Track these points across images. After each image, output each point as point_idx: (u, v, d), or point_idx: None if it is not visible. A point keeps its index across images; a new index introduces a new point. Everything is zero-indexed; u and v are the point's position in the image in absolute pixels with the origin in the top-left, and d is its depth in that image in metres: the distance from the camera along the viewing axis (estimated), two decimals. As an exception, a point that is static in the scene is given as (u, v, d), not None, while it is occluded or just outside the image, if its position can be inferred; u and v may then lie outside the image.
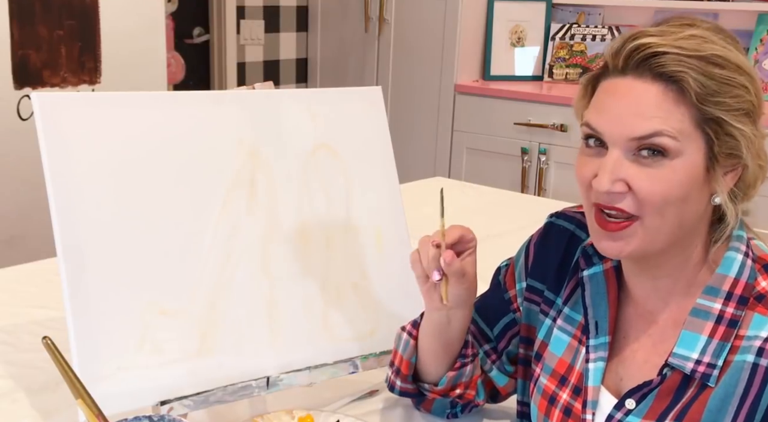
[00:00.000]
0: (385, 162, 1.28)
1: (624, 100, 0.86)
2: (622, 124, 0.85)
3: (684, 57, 0.83)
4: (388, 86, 3.81)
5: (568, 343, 1.01)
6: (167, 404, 1.02)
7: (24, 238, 2.33)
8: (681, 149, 0.84)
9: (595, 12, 3.71)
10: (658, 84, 0.84)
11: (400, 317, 1.23)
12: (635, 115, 0.84)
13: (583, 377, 0.97)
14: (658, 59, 0.84)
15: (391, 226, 1.26)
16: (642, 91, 0.84)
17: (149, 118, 1.09)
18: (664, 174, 0.84)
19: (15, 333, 1.40)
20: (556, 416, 0.99)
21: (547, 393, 1.01)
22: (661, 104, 0.84)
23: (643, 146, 0.84)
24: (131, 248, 1.04)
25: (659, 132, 0.83)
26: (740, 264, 0.89)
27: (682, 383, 0.89)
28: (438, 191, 1.02)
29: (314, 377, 1.14)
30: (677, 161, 0.84)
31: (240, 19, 3.91)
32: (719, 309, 0.88)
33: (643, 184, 0.85)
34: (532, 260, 1.08)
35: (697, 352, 0.88)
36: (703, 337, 0.88)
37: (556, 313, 1.04)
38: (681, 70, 0.83)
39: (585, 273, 1.00)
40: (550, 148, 3.35)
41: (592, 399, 0.95)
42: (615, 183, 0.85)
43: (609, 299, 0.97)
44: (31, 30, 2.32)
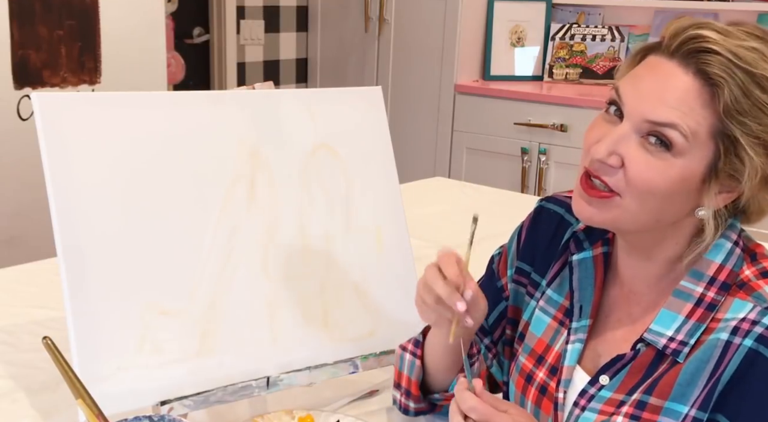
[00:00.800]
0: (385, 162, 1.28)
1: (657, 80, 0.84)
2: (644, 102, 0.84)
3: (733, 65, 0.81)
4: (388, 86, 3.81)
5: (547, 324, 1.02)
6: (167, 404, 1.02)
7: (24, 238, 2.33)
8: (687, 150, 0.83)
9: (595, 12, 3.71)
10: (695, 80, 0.83)
11: (400, 317, 1.24)
12: (660, 99, 0.83)
13: (561, 357, 0.99)
14: (708, 57, 0.82)
15: (391, 226, 1.26)
16: (677, 80, 0.83)
17: (149, 118, 1.09)
18: (660, 165, 0.84)
19: (15, 333, 1.40)
20: (531, 394, 1.01)
21: (525, 371, 1.03)
22: (688, 99, 0.83)
23: (653, 132, 0.84)
24: (131, 248, 1.04)
25: (674, 124, 0.83)
26: (728, 252, 0.90)
27: (654, 359, 0.90)
28: (469, 217, 1.00)
29: (314, 377, 1.14)
30: (678, 160, 0.84)
31: (240, 19, 3.91)
32: (700, 292, 0.89)
33: (635, 167, 0.85)
34: (523, 243, 1.09)
35: (672, 330, 0.89)
36: (681, 317, 0.89)
37: (540, 295, 1.05)
38: (723, 76, 0.81)
39: (574, 258, 1.01)
40: (550, 148, 3.35)
41: (566, 378, 0.97)
42: (611, 155, 0.85)
43: (596, 284, 0.98)
44: (31, 30, 2.32)
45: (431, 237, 1.92)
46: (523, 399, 1.03)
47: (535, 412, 1.01)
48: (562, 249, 1.04)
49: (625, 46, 3.59)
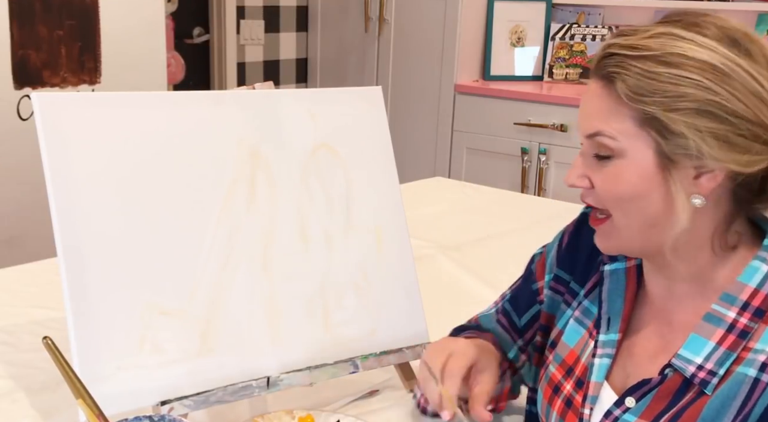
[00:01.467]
0: (385, 162, 1.28)
1: (583, 99, 0.90)
2: (581, 123, 0.90)
3: (626, 57, 0.84)
4: (388, 86, 3.81)
5: (581, 336, 1.00)
6: (167, 404, 1.02)
7: (24, 238, 2.33)
8: (624, 148, 0.85)
9: (595, 12, 3.71)
10: (600, 85, 0.87)
11: (400, 317, 1.24)
12: (584, 116, 0.89)
13: (588, 371, 0.97)
14: (606, 61, 0.86)
15: (391, 226, 1.26)
16: (592, 92, 0.88)
17: (149, 118, 1.09)
18: (612, 172, 0.87)
19: (15, 333, 1.40)
20: (558, 405, 0.99)
21: (553, 381, 1.02)
22: (601, 105, 0.86)
23: (594, 145, 0.88)
24: (131, 248, 1.04)
25: (599, 132, 0.87)
26: (764, 276, 0.86)
27: (681, 386, 0.88)
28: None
29: (314, 377, 1.14)
30: (623, 161, 0.86)
31: (240, 19, 3.91)
32: (733, 317, 0.86)
33: (597, 181, 0.89)
34: (564, 250, 1.08)
35: (702, 357, 0.86)
36: (711, 343, 0.86)
37: (576, 304, 1.03)
38: (616, 70, 0.84)
39: (606, 268, 1.00)
40: (550, 148, 3.35)
41: (593, 394, 0.95)
42: (579, 178, 0.90)
43: (626, 296, 0.97)
44: (31, 30, 2.32)
45: (431, 237, 1.93)
46: (549, 409, 1.01)
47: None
48: (601, 259, 1.02)
49: (625, 46, 3.58)
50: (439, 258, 1.81)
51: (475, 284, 1.68)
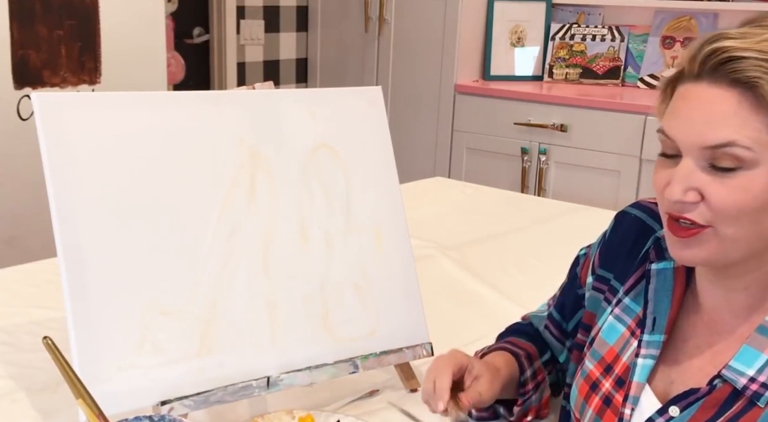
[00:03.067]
0: (385, 162, 1.28)
1: (697, 107, 0.82)
2: (694, 132, 0.81)
3: (763, 61, 0.79)
4: (388, 86, 3.81)
5: (621, 333, 0.98)
6: (168, 404, 1.02)
7: (24, 238, 2.33)
8: (758, 159, 0.80)
9: (595, 12, 3.71)
10: (733, 90, 0.80)
11: (401, 317, 1.24)
12: (707, 124, 0.81)
13: (630, 370, 0.95)
14: (735, 64, 0.80)
15: (391, 226, 1.26)
16: (716, 98, 0.81)
17: (149, 118, 1.09)
18: (740, 184, 0.80)
19: (15, 333, 1.40)
20: (594, 403, 0.97)
21: (591, 378, 1.00)
22: (736, 112, 0.80)
23: (717, 156, 0.81)
24: (131, 248, 1.04)
25: (732, 142, 0.80)
26: None
27: (729, 397, 0.86)
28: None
29: (314, 377, 1.14)
30: (755, 172, 0.80)
31: (240, 19, 3.91)
32: None
33: (715, 194, 0.81)
34: (604, 250, 1.06)
35: (754, 370, 0.84)
36: (765, 356, 0.84)
37: (616, 302, 1.01)
38: (758, 75, 0.79)
39: (653, 267, 0.97)
40: (550, 148, 3.35)
41: (634, 395, 0.93)
42: (687, 192, 0.82)
43: (673, 298, 0.94)
44: (31, 30, 2.32)
45: (431, 237, 1.92)
46: (584, 406, 1.00)
47: (595, 420, 0.98)
48: (643, 256, 1.00)
49: (625, 46, 3.59)
50: (439, 258, 1.81)
51: (475, 284, 1.68)
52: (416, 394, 1.23)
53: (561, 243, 1.20)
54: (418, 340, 1.24)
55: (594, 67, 3.63)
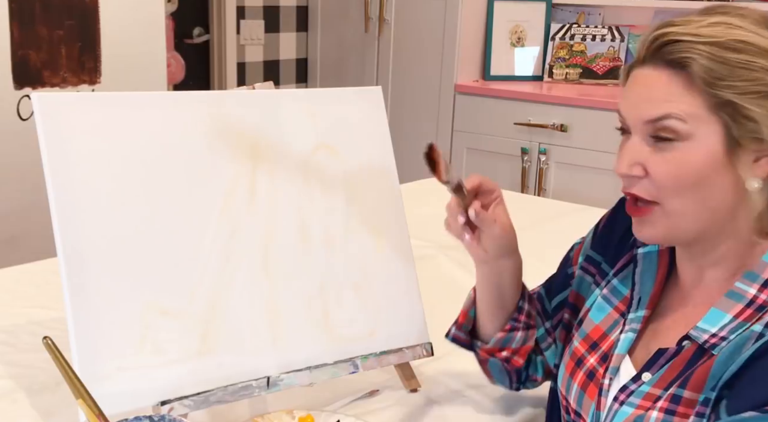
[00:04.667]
0: (385, 162, 1.28)
1: (639, 86, 0.90)
2: (637, 109, 0.89)
3: (695, 44, 0.85)
4: (388, 86, 3.81)
5: (608, 313, 1.03)
6: (168, 404, 1.02)
7: (24, 238, 2.33)
8: (692, 132, 0.86)
9: (595, 12, 3.71)
10: (668, 70, 0.87)
11: (400, 317, 1.24)
12: (647, 100, 0.88)
13: (614, 345, 0.99)
14: (671, 47, 0.87)
15: (391, 226, 1.26)
16: (654, 78, 0.88)
17: (149, 118, 1.09)
18: (676, 156, 0.87)
19: (15, 333, 1.40)
20: (579, 377, 1.02)
21: (576, 355, 1.04)
22: (670, 89, 0.87)
23: (657, 129, 0.87)
24: (131, 248, 1.04)
25: (668, 114, 0.86)
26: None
27: (694, 355, 0.90)
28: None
29: (314, 377, 1.14)
30: (689, 144, 0.86)
31: (240, 19, 3.91)
32: (753, 294, 0.89)
33: (656, 167, 0.88)
34: (599, 233, 1.11)
35: (717, 327, 0.89)
36: (729, 316, 0.89)
37: (605, 284, 1.06)
38: (688, 56, 0.85)
39: (640, 251, 1.02)
40: (550, 148, 3.35)
41: (614, 366, 0.98)
42: (632, 166, 0.89)
43: (657, 277, 0.99)
44: (31, 30, 2.32)
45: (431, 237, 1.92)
46: (570, 382, 1.03)
47: (579, 395, 1.01)
48: (633, 241, 1.04)
49: (625, 46, 3.59)
50: (439, 258, 1.81)
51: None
52: (416, 394, 1.23)
53: (561, 243, 1.20)
54: (418, 340, 1.24)
55: (594, 67, 3.63)
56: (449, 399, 1.22)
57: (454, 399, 1.22)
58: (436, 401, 1.21)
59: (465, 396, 1.23)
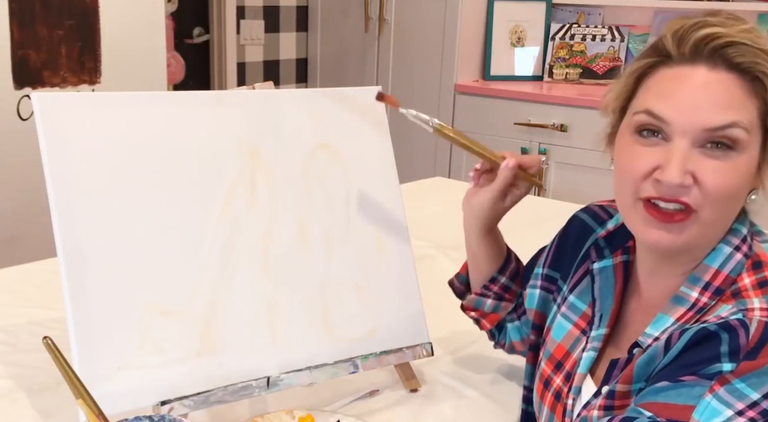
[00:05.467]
0: (385, 162, 1.28)
1: (697, 89, 0.83)
2: (695, 114, 0.82)
3: (757, 49, 0.82)
4: (388, 86, 3.81)
5: (568, 330, 1.02)
6: (168, 404, 1.02)
7: (24, 238, 2.33)
8: (749, 143, 0.83)
9: (595, 12, 3.71)
10: (732, 75, 0.83)
11: (400, 317, 1.24)
12: (711, 105, 0.82)
13: (577, 364, 0.99)
14: (733, 49, 0.82)
15: (391, 226, 1.26)
16: (717, 81, 0.83)
17: (149, 117, 1.09)
18: (732, 167, 0.83)
19: (15, 333, 1.40)
20: (548, 399, 1.02)
21: (543, 376, 1.04)
22: (735, 95, 0.82)
23: (714, 138, 0.82)
24: (131, 248, 1.04)
25: (735, 123, 0.82)
26: (726, 257, 0.88)
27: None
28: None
29: (314, 377, 1.14)
30: (743, 155, 0.83)
31: (240, 19, 3.91)
32: (695, 297, 0.88)
33: (711, 177, 0.82)
34: (553, 250, 1.11)
35: (660, 331, 0.89)
36: (671, 319, 0.89)
37: (561, 300, 1.06)
38: (758, 61, 0.82)
39: (595, 266, 1.01)
40: (550, 148, 3.35)
41: (576, 385, 0.98)
42: (685, 175, 0.83)
43: (615, 293, 0.98)
44: (31, 30, 2.32)
45: (431, 237, 1.92)
46: (541, 404, 1.03)
47: (550, 417, 1.01)
48: (583, 256, 1.04)
49: (624, 46, 3.59)
50: (439, 258, 1.81)
51: (475, 284, 1.68)
52: (416, 394, 1.23)
53: (561, 243, 1.21)
54: (418, 340, 1.24)
55: (594, 67, 3.63)
56: (449, 399, 1.22)
57: (454, 399, 1.22)
58: (436, 401, 1.21)
59: (465, 396, 1.23)
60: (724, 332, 0.80)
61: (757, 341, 0.78)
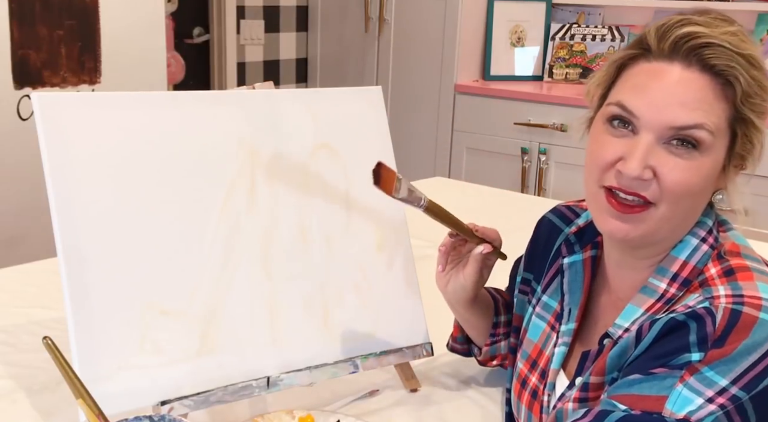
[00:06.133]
0: (385, 162, 1.27)
1: (669, 86, 0.84)
2: (664, 111, 0.83)
3: (734, 53, 0.83)
4: (388, 86, 3.81)
5: (542, 329, 1.04)
6: (168, 404, 1.02)
7: (24, 238, 2.33)
8: (713, 145, 0.84)
9: (595, 12, 3.71)
10: (705, 76, 0.83)
11: (400, 317, 1.24)
12: (680, 104, 0.83)
13: (549, 361, 1.00)
14: (709, 50, 0.83)
15: (391, 226, 1.26)
16: (688, 81, 0.83)
17: (149, 118, 1.09)
18: (693, 166, 0.84)
19: (15, 333, 1.40)
20: (525, 398, 1.03)
21: (521, 376, 1.05)
22: (705, 97, 0.83)
23: (678, 136, 0.83)
24: (131, 248, 1.04)
25: (700, 125, 0.83)
26: (693, 249, 0.89)
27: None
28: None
29: (314, 377, 1.14)
30: (707, 156, 0.84)
31: (240, 19, 3.91)
32: (664, 288, 0.89)
33: (670, 173, 0.84)
34: (526, 254, 1.13)
35: (629, 322, 0.89)
36: (640, 310, 0.89)
37: (536, 301, 1.06)
38: (733, 65, 0.82)
39: (565, 261, 1.02)
40: (550, 148, 3.35)
41: (551, 381, 0.98)
42: (645, 169, 0.84)
43: (583, 287, 0.99)
44: (31, 30, 2.32)
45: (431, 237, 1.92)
46: (519, 405, 1.04)
47: (528, 416, 1.02)
48: (555, 254, 1.05)
49: (624, 46, 3.58)
50: (439, 258, 1.81)
51: (475, 284, 1.68)
52: (416, 394, 1.23)
53: (561, 243, 1.21)
54: (418, 340, 1.24)
55: (594, 67, 3.63)
56: (449, 399, 1.22)
57: (454, 399, 1.22)
58: (436, 401, 1.21)
59: (465, 396, 1.23)
60: (692, 321, 0.81)
61: (723, 328, 0.79)
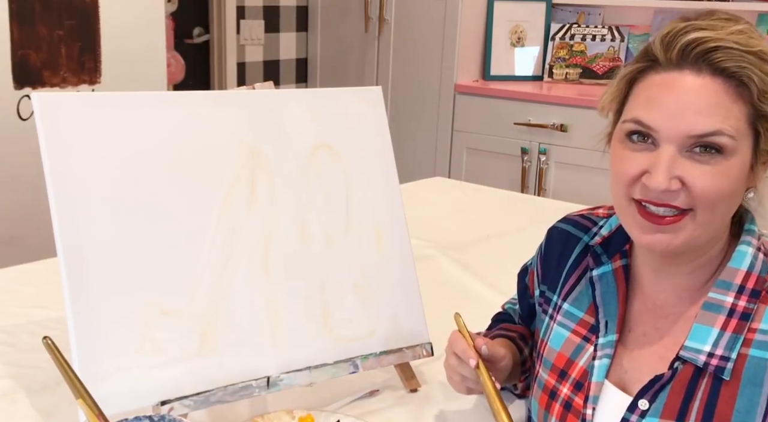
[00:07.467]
0: (385, 162, 1.28)
1: (682, 95, 0.83)
2: (680, 121, 0.83)
3: (744, 53, 0.82)
4: (388, 86, 3.81)
5: (566, 338, 1.01)
6: (168, 404, 1.02)
7: (24, 238, 2.33)
8: (736, 147, 0.83)
9: (595, 12, 3.71)
10: (717, 80, 0.83)
11: (400, 317, 1.24)
12: (695, 113, 0.82)
13: (588, 374, 0.97)
14: (718, 54, 0.82)
15: (391, 226, 1.26)
16: (701, 87, 0.83)
17: (149, 118, 1.09)
18: (720, 171, 0.83)
19: (15, 333, 1.40)
20: (556, 410, 0.99)
21: (548, 387, 1.02)
22: (721, 101, 0.82)
23: (700, 143, 0.83)
24: (131, 248, 1.04)
25: (719, 131, 0.82)
26: (752, 258, 0.89)
27: (693, 377, 0.88)
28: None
29: (314, 377, 1.14)
30: (732, 159, 0.84)
31: (240, 19, 3.91)
32: (731, 302, 0.87)
33: (698, 181, 0.83)
34: (540, 266, 1.10)
35: (710, 345, 0.87)
36: (715, 330, 0.87)
37: (553, 310, 1.05)
38: (744, 66, 0.82)
39: (594, 273, 0.99)
40: (550, 148, 3.35)
41: (594, 395, 0.95)
42: (671, 180, 0.84)
43: (619, 298, 0.97)
44: (31, 30, 2.32)
45: (431, 237, 1.92)
46: (547, 415, 1.01)
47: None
48: (574, 263, 1.03)
49: (624, 46, 3.59)
50: (439, 258, 1.81)
51: (475, 284, 1.68)
52: (416, 394, 1.23)
53: (561, 243, 1.21)
54: (418, 340, 1.24)
55: (594, 67, 3.63)
56: (449, 399, 1.22)
57: (454, 399, 1.22)
58: (436, 401, 1.21)
59: (465, 396, 1.23)
60: None
61: None
